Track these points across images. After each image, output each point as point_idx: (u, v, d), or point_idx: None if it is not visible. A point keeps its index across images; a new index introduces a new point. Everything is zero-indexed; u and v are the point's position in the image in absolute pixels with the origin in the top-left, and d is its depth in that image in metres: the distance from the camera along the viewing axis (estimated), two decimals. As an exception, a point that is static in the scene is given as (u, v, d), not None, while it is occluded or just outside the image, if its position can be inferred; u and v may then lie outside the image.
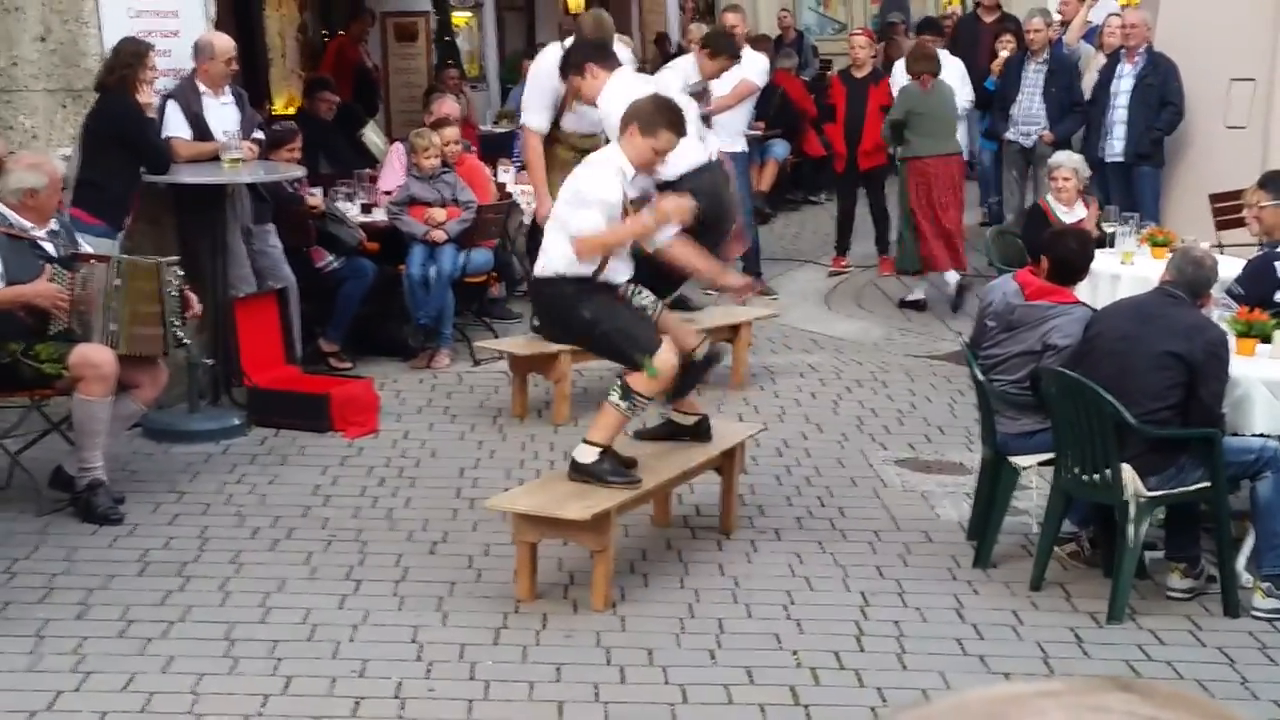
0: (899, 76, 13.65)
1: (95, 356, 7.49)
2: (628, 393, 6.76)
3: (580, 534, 6.67)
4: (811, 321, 12.49)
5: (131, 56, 8.82)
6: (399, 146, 11.83)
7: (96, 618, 6.52)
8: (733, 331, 10.14)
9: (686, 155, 7.54)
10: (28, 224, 7.66)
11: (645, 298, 6.97)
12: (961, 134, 13.76)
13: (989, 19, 15.11)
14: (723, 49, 11.33)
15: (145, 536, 7.50)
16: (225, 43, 9.45)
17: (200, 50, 9.37)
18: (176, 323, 7.89)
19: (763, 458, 8.37)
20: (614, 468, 6.85)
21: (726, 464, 7.50)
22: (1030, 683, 0.88)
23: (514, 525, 6.70)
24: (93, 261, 7.76)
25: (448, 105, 12.35)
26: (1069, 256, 7.25)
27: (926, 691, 5.80)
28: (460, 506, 7.99)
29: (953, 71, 13.53)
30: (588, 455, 6.80)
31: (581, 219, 6.71)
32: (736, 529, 7.61)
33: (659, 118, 6.81)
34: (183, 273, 8.05)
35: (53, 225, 7.81)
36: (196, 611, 6.60)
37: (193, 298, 8.08)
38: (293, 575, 7.05)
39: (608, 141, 8.15)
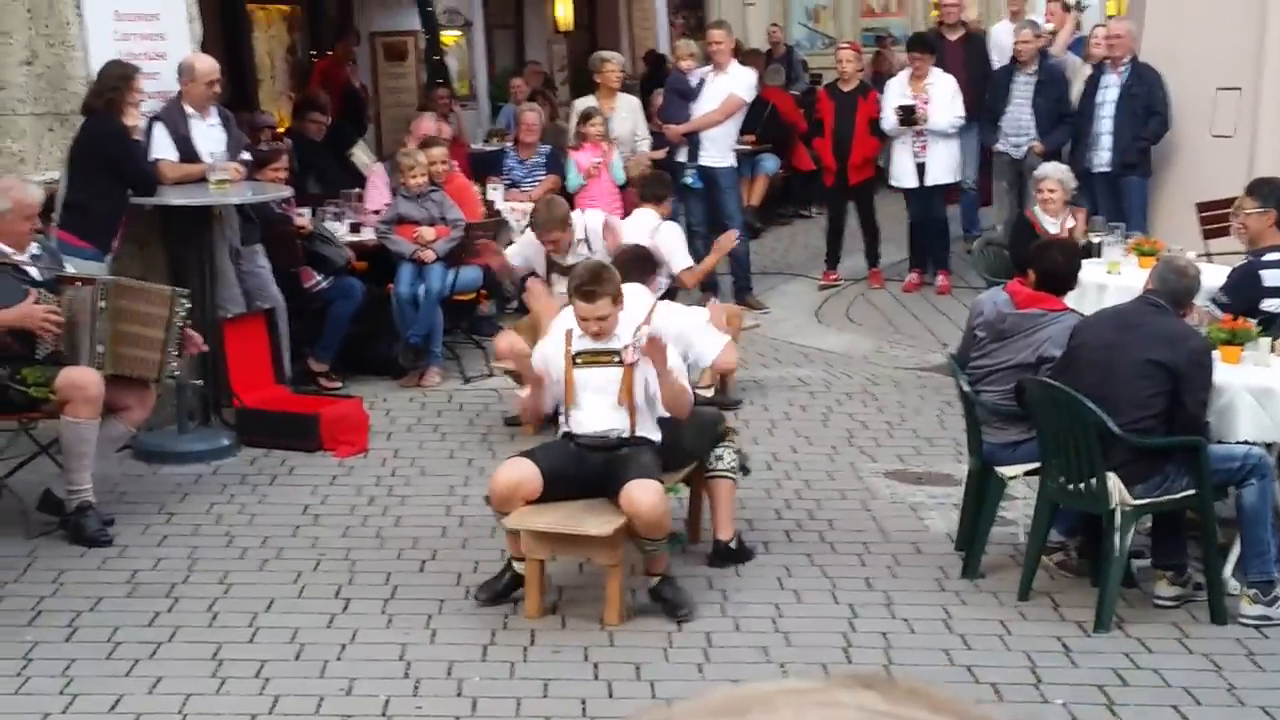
0: (893, 91, 13.66)
1: (81, 379, 7.50)
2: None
3: (596, 550, 6.67)
4: (802, 335, 12.51)
5: (118, 79, 8.84)
6: (380, 167, 11.86)
7: (85, 639, 6.52)
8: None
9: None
10: (7, 249, 7.67)
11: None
12: (954, 150, 13.76)
13: (953, 37, 15.05)
14: None
15: (134, 558, 7.50)
16: (207, 65, 9.46)
17: (182, 72, 9.40)
18: (175, 354, 7.93)
19: (752, 471, 8.37)
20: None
21: (696, 474, 7.48)
22: (774, 681, 0.90)
23: (526, 543, 6.68)
24: (78, 284, 7.77)
25: (426, 124, 12.38)
26: (1054, 268, 7.29)
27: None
28: (450, 524, 8.00)
29: (945, 88, 13.54)
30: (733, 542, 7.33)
31: None
32: (700, 540, 7.60)
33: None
34: (190, 305, 8.09)
35: (34, 249, 7.82)
36: (185, 632, 6.61)
37: (196, 337, 8.13)
38: (281, 595, 7.05)
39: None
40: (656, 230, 10.15)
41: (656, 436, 6.87)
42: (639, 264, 8.13)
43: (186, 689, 6.02)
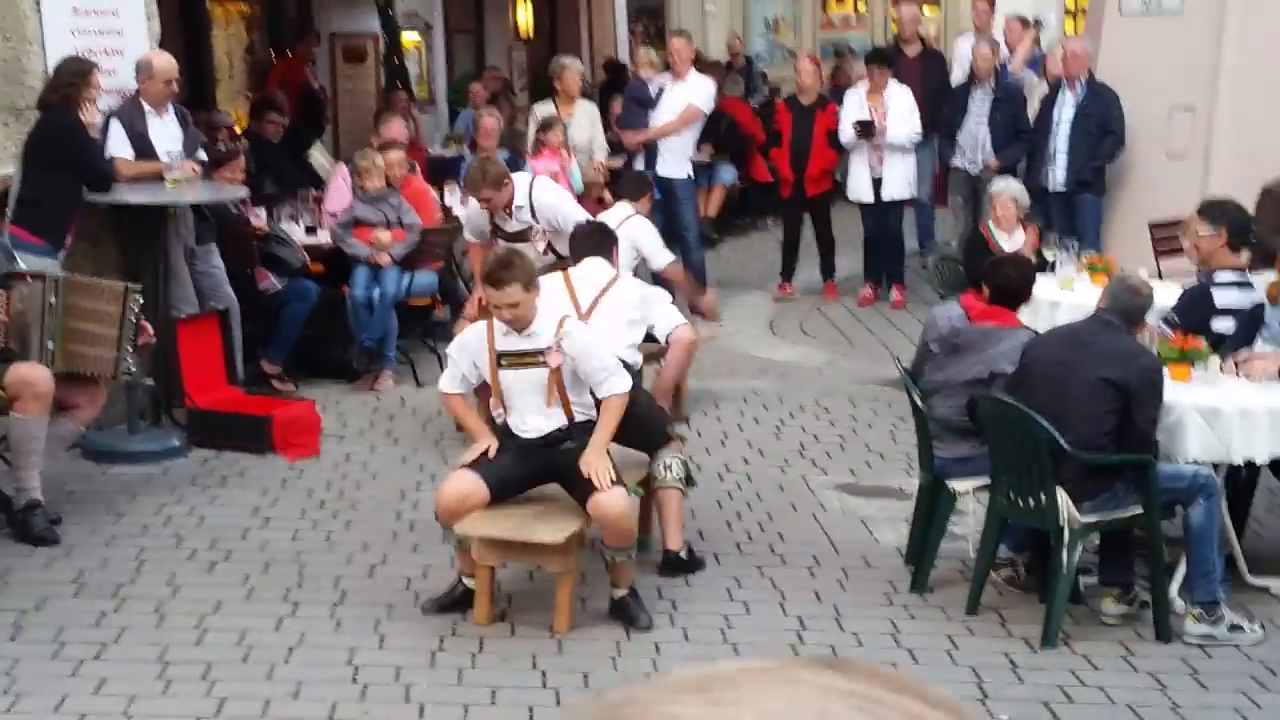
0: (851, 103, 13.70)
1: (31, 375, 7.46)
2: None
3: (546, 557, 6.66)
4: (756, 347, 12.53)
5: (74, 75, 8.80)
6: (344, 168, 11.83)
7: (30, 639, 6.49)
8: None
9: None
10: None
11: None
12: (910, 165, 13.80)
13: (911, 53, 15.04)
14: None
15: (82, 558, 7.46)
16: (164, 62, 9.43)
17: (140, 69, 9.36)
18: (131, 349, 7.88)
19: (703, 482, 8.37)
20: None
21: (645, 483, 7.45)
22: (735, 661, 0.91)
23: (476, 549, 6.66)
24: (29, 280, 7.73)
25: (394, 128, 12.35)
26: (1007, 284, 7.33)
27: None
28: (400, 529, 7.98)
29: (902, 101, 13.59)
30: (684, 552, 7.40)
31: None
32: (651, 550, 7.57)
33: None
34: (143, 300, 8.04)
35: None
36: (131, 633, 6.58)
37: (147, 326, 8.08)
38: (230, 597, 7.02)
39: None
40: (626, 221, 10.11)
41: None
42: (595, 239, 8.18)
43: (132, 690, 5.99)
